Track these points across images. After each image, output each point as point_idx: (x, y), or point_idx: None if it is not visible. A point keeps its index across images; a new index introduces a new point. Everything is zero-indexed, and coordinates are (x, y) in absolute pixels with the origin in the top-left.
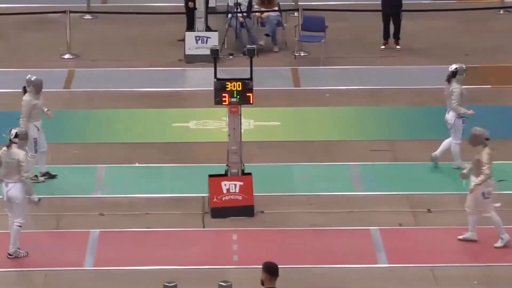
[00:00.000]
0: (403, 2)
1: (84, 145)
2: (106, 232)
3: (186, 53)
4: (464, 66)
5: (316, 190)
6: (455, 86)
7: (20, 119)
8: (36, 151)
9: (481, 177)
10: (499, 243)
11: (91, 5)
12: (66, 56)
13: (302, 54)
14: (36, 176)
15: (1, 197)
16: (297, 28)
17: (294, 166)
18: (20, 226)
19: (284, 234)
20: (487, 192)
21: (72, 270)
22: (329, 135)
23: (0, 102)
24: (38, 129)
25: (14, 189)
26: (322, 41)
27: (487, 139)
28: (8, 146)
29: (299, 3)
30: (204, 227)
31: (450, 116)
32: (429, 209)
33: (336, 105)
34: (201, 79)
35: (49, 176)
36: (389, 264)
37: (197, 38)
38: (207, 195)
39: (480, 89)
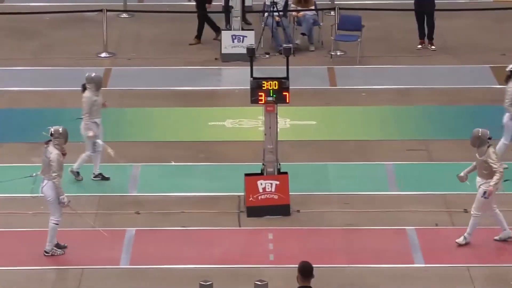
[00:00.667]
0: (437, 1)
1: (119, 144)
2: (142, 230)
3: (222, 52)
4: None
5: (352, 189)
6: (510, 86)
7: (83, 117)
8: (94, 150)
9: (497, 176)
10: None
11: (127, 3)
12: (103, 54)
13: (338, 53)
14: (77, 172)
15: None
16: (333, 27)
17: (329, 165)
18: (56, 224)
19: (320, 233)
20: (489, 192)
21: (108, 268)
22: (364, 135)
23: (37, 100)
24: (98, 126)
25: (46, 187)
26: (359, 40)
27: (489, 138)
28: (47, 143)
29: (335, 2)
30: (240, 226)
31: (506, 116)
32: (465, 209)
33: (371, 105)
34: (237, 78)
35: (102, 177)
36: (425, 264)
37: (234, 37)
38: (243, 194)
39: None
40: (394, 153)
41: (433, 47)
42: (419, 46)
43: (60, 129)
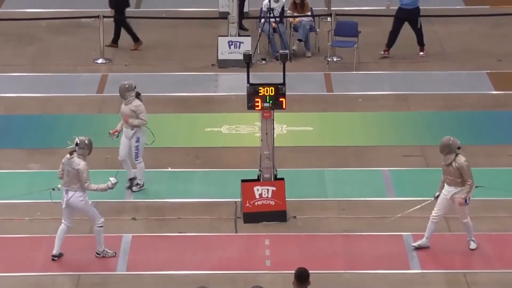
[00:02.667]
0: (434, 7)
1: (116, 150)
2: (139, 236)
3: (219, 57)
4: None
5: (348, 195)
6: None
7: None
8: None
9: (469, 184)
10: (473, 245)
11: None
12: (99, 60)
13: (334, 59)
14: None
15: (59, 201)
16: (330, 33)
17: (326, 171)
18: (101, 227)
19: (317, 239)
20: (469, 198)
21: (105, 274)
22: (361, 140)
23: (34, 106)
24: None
25: (73, 198)
26: (355, 46)
27: (459, 148)
28: (71, 154)
29: (332, 8)
30: (236, 232)
31: None
32: None
33: (368, 110)
34: (234, 84)
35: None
36: (422, 269)
37: (230, 43)
38: (239, 200)
39: None
40: (391, 159)
41: (421, 53)
42: (382, 53)
43: (86, 140)
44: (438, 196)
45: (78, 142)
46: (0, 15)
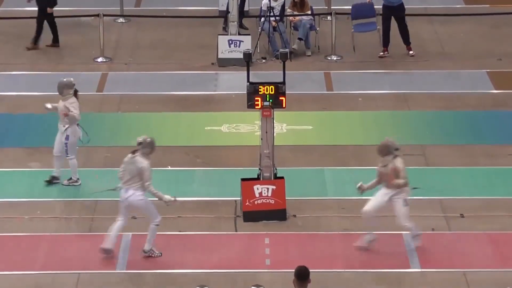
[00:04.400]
0: (435, 6)
1: (116, 148)
2: (139, 235)
3: (219, 56)
4: None
5: (348, 194)
6: None
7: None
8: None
9: (401, 183)
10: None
11: (124, 8)
12: (99, 59)
13: (334, 58)
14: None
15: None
16: (348, 19)
17: (326, 170)
18: (157, 225)
19: (316, 238)
20: (406, 200)
21: (105, 273)
22: (361, 140)
23: (34, 105)
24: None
25: (134, 196)
26: (378, 28)
27: (397, 149)
28: (134, 153)
29: (332, 7)
30: (236, 231)
31: None
32: (461, 214)
33: (368, 110)
34: (234, 82)
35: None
36: (421, 268)
37: (230, 41)
38: (239, 198)
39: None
40: None
41: (411, 52)
42: (381, 54)
43: (148, 139)
44: (360, 186)
45: (141, 141)
46: (0, 14)
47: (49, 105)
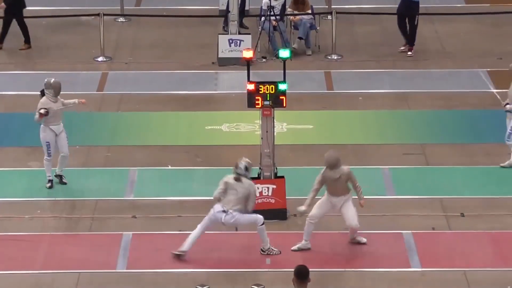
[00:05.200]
0: (435, 5)
1: (116, 148)
2: (139, 234)
3: (219, 56)
4: None
5: None
6: None
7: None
8: (49, 155)
9: (359, 187)
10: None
11: (124, 8)
12: (100, 58)
13: (335, 58)
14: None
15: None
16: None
17: None
18: (262, 225)
19: (317, 237)
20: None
21: (105, 273)
22: (361, 139)
23: (34, 104)
24: (56, 134)
25: (239, 216)
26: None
27: None
28: (237, 180)
29: (332, 6)
30: (236, 230)
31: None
32: (462, 213)
33: (368, 109)
34: (234, 82)
35: (60, 181)
36: (422, 268)
37: (230, 41)
38: None
39: None
40: (391, 157)
41: (409, 53)
42: (402, 48)
43: (247, 164)
44: (303, 211)
45: (247, 166)
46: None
47: (42, 111)
